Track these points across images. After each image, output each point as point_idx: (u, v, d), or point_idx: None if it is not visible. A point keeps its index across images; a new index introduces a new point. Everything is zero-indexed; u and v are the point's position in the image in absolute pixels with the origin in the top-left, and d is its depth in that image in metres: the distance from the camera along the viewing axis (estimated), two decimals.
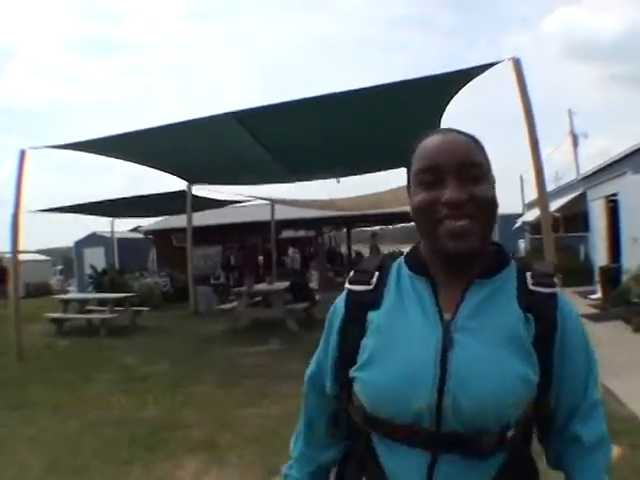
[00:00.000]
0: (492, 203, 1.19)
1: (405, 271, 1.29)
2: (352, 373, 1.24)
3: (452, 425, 1.12)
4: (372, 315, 1.24)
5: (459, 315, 1.18)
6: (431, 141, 1.22)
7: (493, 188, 1.21)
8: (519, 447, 1.20)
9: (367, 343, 1.22)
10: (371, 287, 1.28)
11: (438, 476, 1.14)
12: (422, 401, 1.12)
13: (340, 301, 1.34)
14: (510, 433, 1.14)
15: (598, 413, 1.28)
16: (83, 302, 13.90)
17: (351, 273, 1.35)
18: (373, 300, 1.26)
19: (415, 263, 1.28)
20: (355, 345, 1.24)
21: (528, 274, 1.24)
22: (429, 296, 1.22)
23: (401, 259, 1.33)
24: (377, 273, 1.30)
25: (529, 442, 1.26)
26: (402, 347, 1.18)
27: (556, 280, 1.25)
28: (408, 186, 1.28)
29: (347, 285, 1.33)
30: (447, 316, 1.18)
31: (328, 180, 13.75)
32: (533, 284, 1.22)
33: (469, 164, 1.17)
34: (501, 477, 1.16)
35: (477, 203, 1.15)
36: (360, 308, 1.27)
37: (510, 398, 1.13)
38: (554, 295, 1.23)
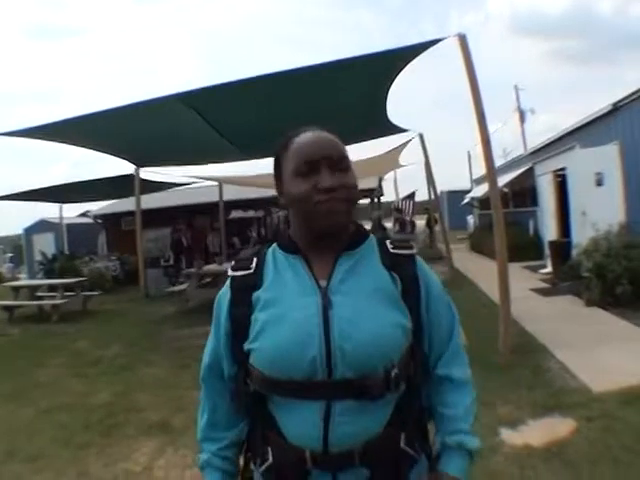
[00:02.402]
0: (356, 188, 1.42)
1: (279, 253, 1.49)
2: (247, 346, 1.39)
3: (342, 372, 1.30)
4: (257, 294, 1.42)
5: (333, 281, 1.39)
6: (305, 138, 1.43)
7: (355, 176, 1.43)
8: (407, 395, 1.41)
9: (257, 318, 1.38)
10: (251, 271, 1.47)
11: (334, 422, 1.31)
12: (313, 354, 1.30)
13: (225, 288, 1.51)
14: (393, 373, 1.33)
15: (463, 357, 1.56)
16: (33, 288, 13.76)
17: (232, 263, 1.53)
18: (255, 281, 1.44)
19: (287, 245, 1.48)
20: (245, 323, 1.41)
21: (387, 242, 1.50)
22: (304, 269, 1.42)
23: (274, 245, 1.52)
24: (255, 259, 1.50)
25: (416, 393, 1.46)
26: (289, 313, 1.36)
27: (413, 244, 1.53)
28: (277, 175, 1.50)
29: (230, 272, 1.51)
30: (322, 282, 1.39)
31: None
32: (393, 248, 1.48)
33: (338, 157, 1.40)
34: (395, 422, 1.38)
35: (346, 188, 1.38)
36: (244, 290, 1.44)
37: (388, 341, 1.35)
38: (412, 256, 1.49)
